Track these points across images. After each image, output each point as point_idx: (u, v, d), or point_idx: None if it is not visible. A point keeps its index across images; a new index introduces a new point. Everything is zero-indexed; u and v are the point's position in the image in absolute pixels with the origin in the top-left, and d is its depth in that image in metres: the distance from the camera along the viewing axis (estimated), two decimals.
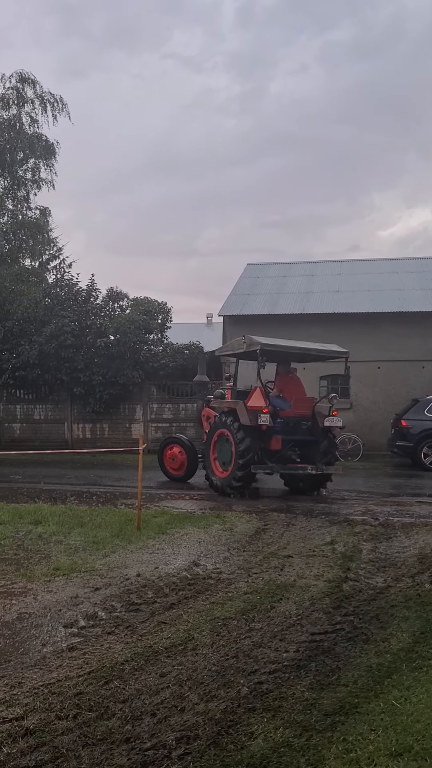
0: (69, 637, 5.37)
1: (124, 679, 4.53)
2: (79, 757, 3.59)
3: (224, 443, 12.95)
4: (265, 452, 12.49)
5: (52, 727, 3.88)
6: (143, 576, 7.05)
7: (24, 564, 7.55)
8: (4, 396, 23.18)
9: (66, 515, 10.14)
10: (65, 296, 23.05)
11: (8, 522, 9.61)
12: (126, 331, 21.62)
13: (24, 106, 29.18)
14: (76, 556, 7.84)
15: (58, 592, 6.53)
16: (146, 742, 3.72)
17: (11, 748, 3.68)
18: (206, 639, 5.23)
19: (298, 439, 13.00)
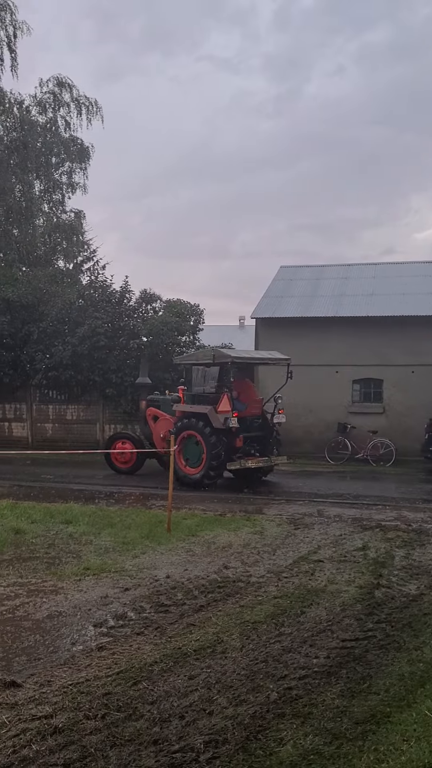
0: (98, 637, 5.38)
1: (153, 680, 4.52)
2: (107, 758, 3.58)
3: (192, 444, 14.44)
4: (231, 449, 14.14)
5: (80, 727, 3.89)
6: (172, 578, 7.05)
7: (55, 563, 7.60)
8: (37, 396, 23.41)
9: (96, 515, 10.19)
10: (99, 298, 23.19)
11: (40, 521, 9.69)
12: (158, 332, 21.67)
13: (60, 109, 29.47)
14: (106, 557, 7.87)
15: (88, 591, 6.56)
16: (174, 744, 3.70)
17: (40, 745, 3.70)
18: (235, 642, 5.19)
19: (253, 435, 14.97)
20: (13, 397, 23.55)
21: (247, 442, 14.60)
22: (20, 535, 8.78)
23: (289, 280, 24.25)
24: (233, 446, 14.15)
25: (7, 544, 8.32)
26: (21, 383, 23.15)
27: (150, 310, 23.66)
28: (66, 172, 30.67)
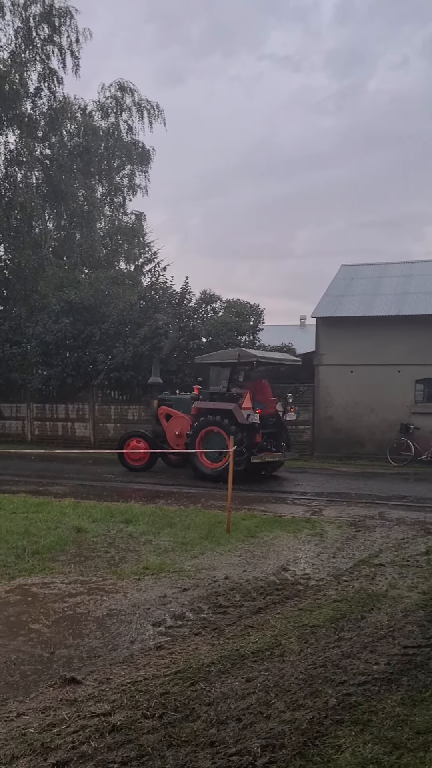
0: (157, 636, 5.42)
1: (210, 681, 4.51)
2: (164, 757, 3.59)
3: (214, 439, 15.22)
4: (251, 444, 15.01)
5: (138, 725, 3.91)
6: (231, 579, 7.03)
7: (115, 562, 7.69)
8: (99, 396, 23.80)
9: (156, 515, 10.27)
10: (159, 299, 23.43)
11: (101, 520, 9.83)
12: (218, 333, 21.73)
13: (122, 114, 29.96)
14: (165, 556, 7.92)
15: (147, 590, 6.61)
16: (231, 747, 3.68)
17: (98, 742, 3.74)
18: (294, 646, 5.14)
19: (269, 432, 15.87)
20: (75, 397, 24.03)
21: (264, 438, 15.59)
22: (82, 534, 8.93)
23: (350, 278, 23.91)
24: (253, 441, 15.02)
25: (69, 542, 8.48)
26: (83, 384, 23.59)
27: (210, 310, 23.75)
28: (127, 175, 31.14)
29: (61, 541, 8.45)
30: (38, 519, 9.73)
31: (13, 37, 26.77)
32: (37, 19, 26.64)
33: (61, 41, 26.95)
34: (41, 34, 26.83)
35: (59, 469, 17.30)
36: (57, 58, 27.07)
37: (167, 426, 16.75)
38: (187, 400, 16.61)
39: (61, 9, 26.76)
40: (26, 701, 4.28)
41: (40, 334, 23.46)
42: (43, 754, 3.62)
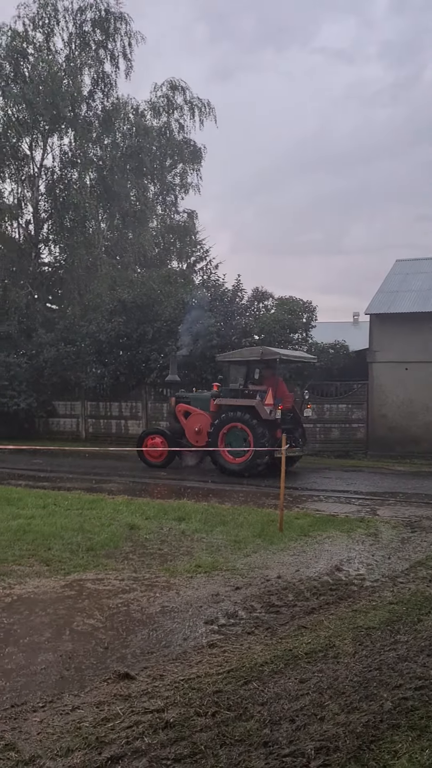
0: (209, 634, 5.41)
1: (263, 681, 4.48)
2: (217, 756, 3.58)
3: (237, 435, 15.79)
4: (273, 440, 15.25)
5: (191, 723, 3.91)
6: (284, 578, 6.98)
7: (167, 559, 7.73)
8: (151, 394, 24.00)
9: (209, 513, 10.28)
10: (211, 297, 23.47)
11: (154, 517, 9.90)
12: (271, 330, 21.65)
13: (173, 113, 30.12)
14: (218, 554, 7.92)
15: (199, 588, 6.62)
16: (284, 748, 3.64)
17: (152, 738, 3.75)
18: (348, 648, 5.06)
19: (287, 428, 15.92)
20: (129, 395, 24.29)
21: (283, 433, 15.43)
22: (135, 531, 9.00)
23: (405, 274, 23.49)
24: (275, 437, 15.13)
25: (123, 539, 8.56)
26: (136, 382, 23.82)
27: (262, 308, 23.67)
28: (179, 173, 31.27)
29: (114, 537, 8.54)
30: (92, 516, 9.86)
31: (67, 42, 27.25)
32: (90, 25, 27.05)
33: (114, 46, 27.34)
34: (95, 39, 27.22)
35: (113, 466, 17.52)
36: (110, 62, 27.48)
37: (186, 423, 17.15)
38: (205, 398, 17.12)
39: (115, 14, 27.11)
40: (81, 695, 4.33)
41: (94, 333, 23.80)
42: (97, 748, 3.66)
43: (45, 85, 25.41)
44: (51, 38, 27.17)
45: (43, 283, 29.26)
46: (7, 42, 26.15)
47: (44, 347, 24.61)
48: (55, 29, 27.08)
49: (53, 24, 26.95)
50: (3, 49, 26.19)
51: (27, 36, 26.80)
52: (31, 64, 26.52)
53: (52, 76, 25.43)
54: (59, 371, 24.51)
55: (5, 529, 8.80)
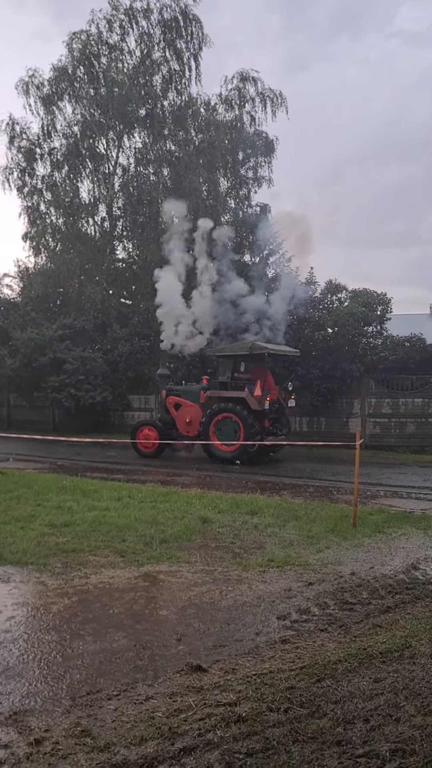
0: (282, 630, 5.38)
1: (337, 679, 4.42)
2: (290, 752, 3.55)
3: (227, 425, 16.69)
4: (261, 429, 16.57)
5: (263, 718, 3.90)
6: (358, 575, 6.87)
7: (240, 553, 7.74)
8: None
9: (281, 507, 10.23)
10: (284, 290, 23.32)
11: (226, 511, 9.93)
12: (344, 323, 21.34)
13: (245, 105, 29.99)
14: (290, 549, 7.86)
15: (271, 583, 6.59)
16: (358, 748, 3.58)
17: (224, 732, 3.76)
18: (425, 648, 4.93)
19: (273, 417, 17.29)
20: None
21: (271, 423, 17.19)
22: (207, 524, 9.05)
23: None
24: (263, 426, 16.61)
25: (196, 532, 8.62)
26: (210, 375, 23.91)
27: (335, 300, 23.34)
28: (252, 167, 31.11)
29: (187, 530, 8.62)
30: (165, 508, 9.97)
31: (140, 42, 27.57)
32: (163, 25, 27.30)
33: (186, 46, 27.54)
34: (168, 38, 27.46)
35: (186, 459, 17.69)
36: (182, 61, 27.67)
37: (177, 415, 18.08)
38: (194, 390, 18.07)
39: (190, 15, 27.28)
40: (154, 685, 4.39)
41: None
42: (170, 739, 3.69)
43: (118, 86, 25.79)
44: (125, 39, 27.56)
45: (118, 279, 29.75)
46: (80, 46, 26.68)
47: (119, 342, 25.04)
48: (130, 30, 27.45)
49: (128, 25, 27.32)
50: (77, 53, 26.74)
51: (101, 38, 27.27)
52: (104, 66, 26.97)
53: (125, 76, 25.78)
54: (133, 365, 24.89)
55: (81, 520, 9.01)
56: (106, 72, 26.67)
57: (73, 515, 9.35)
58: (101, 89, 26.56)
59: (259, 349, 17.02)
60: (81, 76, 26.90)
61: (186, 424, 17.74)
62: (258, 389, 16.70)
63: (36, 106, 27.86)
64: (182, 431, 17.85)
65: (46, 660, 4.80)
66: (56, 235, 29.07)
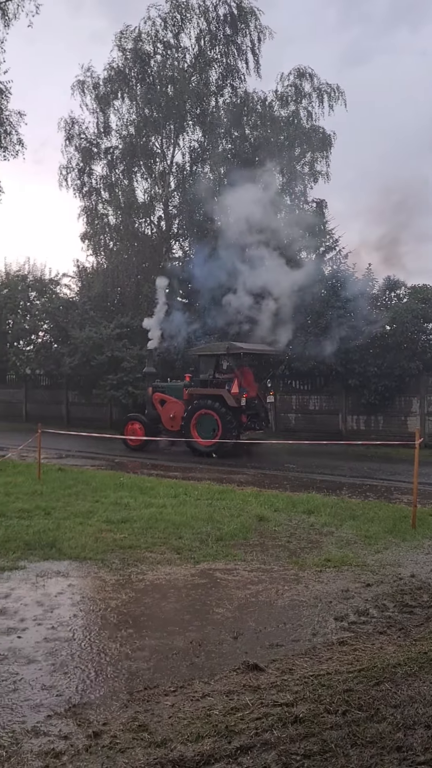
0: (339, 631, 5.31)
1: (396, 683, 4.34)
2: (348, 756, 3.50)
3: (207, 421, 17.57)
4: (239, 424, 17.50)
5: (320, 720, 3.85)
6: (418, 577, 6.73)
7: (296, 552, 7.68)
8: (280, 386, 23.94)
9: (338, 507, 10.11)
10: (340, 287, 23.04)
11: (282, 510, 9.87)
12: (403, 320, 20.94)
13: (301, 101, 29.71)
14: (347, 549, 7.76)
15: (328, 583, 6.52)
16: (419, 755, 3.50)
17: (281, 732, 3.73)
18: None
19: (252, 413, 18.13)
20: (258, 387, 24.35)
21: (249, 418, 17.93)
22: (264, 523, 9.02)
23: None
24: (241, 422, 17.50)
25: (252, 530, 8.60)
26: (266, 374, 23.84)
27: (394, 297, 22.94)
28: (308, 162, 30.83)
29: (243, 528, 8.61)
30: (221, 506, 9.99)
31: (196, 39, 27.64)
32: (221, 20, 27.27)
33: (243, 41, 27.42)
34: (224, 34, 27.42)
35: (241, 457, 17.67)
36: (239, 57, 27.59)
37: (162, 410, 19.11)
38: (178, 387, 19.02)
39: (246, 9, 27.17)
40: (211, 683, 4.39)
41: (223, 327, 24.05)
42: (227, 737, 3.68)
43: (173, 84, 25.91)
44: (180, 36, 27.66)
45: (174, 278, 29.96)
46: (132, 45, 26.91)
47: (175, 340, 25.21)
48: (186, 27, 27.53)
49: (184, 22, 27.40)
50: (130, 52, 26.99)
51: (156, 35, 27.45)
52: (159, 64, 27.14)
53: (180, 74, 25.88)
54: (190, 363, 25.01)
55: (138, 517, 9.11)
56: (161, 70, 26.83)
57: (130, 512, 9.47)
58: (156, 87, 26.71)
59: (236, 349, 18.03)
60: (135, 75, 27.11)
61: (170, 419, 18.76)
62: (235, 387, 17.50)
63: (92, 105, 28.31)
64: (167, 426, 18.90)
65: (103, 654, 4.86)
66: (114, 235, 29.45)
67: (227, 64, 27.76)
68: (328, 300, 22.44)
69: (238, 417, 17.41)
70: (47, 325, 28.84)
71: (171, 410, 18.81)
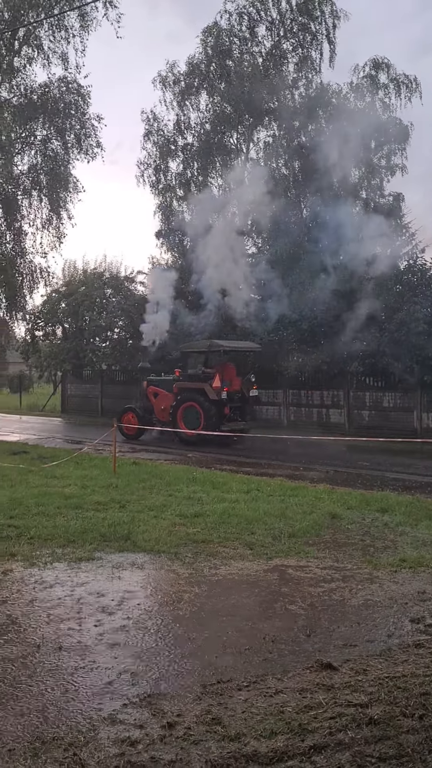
0: (415, 633, 5.21)
1: None
2: (425, 762, 3.43)
3: (191, 412, 18.87)
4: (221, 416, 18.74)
5: (396, 723, 3.79)
6: None
7: (369, 551, 7.56)
8: (353, 383, 23.61)
9: (413, 506, 9.88)
10: (417, 282, 22.50)
11: (355, 507, 9.74)
12: None
13: (377, 92, 29.18)
14: (424, 550, 7.58)
15: (404, 584, 6.39)
16: None
17: (355, 733, 3.69)
18: None
19: (235, 406, 19.50)
20: (330, 383, 24.11)
21: (231, 410, 19.20)
22: (336, 520, 8.92)
23: None
24: (222, 413, 18.73)
25: (324, 527, 8.52)
26: (338, 370, 23.56)
27: None
28: (385, 155, 30.26)
29: (316, 525, 8.54)
30: (294, 503, 9.93)
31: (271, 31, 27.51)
32: (295, 9, 27.04)
33: (318, 28, 27.13)
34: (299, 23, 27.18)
35: (314, 454, 17.52)
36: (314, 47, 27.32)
37: (155, 402, 20.64)
38: (169, 381, 20.24)
39: None
40: (284, 680, 4.38)
41: (296, 321, 23.90)
42: (300, 735, 3.67)
43: (249, 79, 25.88)
44: (255, 29, 27.59)
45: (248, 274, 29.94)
46: (212, 41, 27.01)
47: (247, 337, 25.21)
48: (260, 20, 27.45)
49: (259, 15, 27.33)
50: (209, 48, 27.11)
51: (232, 31, 27.46)
52: (235, 59, 27.16)
53: (255, 69, 25.83)
54: (261, 361, 24.97)
55: (211, 511, 9.17)
56: (237, 65, 26.85)
57: (203, 506, 9.55)
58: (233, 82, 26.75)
59: (216, 346, 19.75)
60: (213, 71, 27.25)
61: (161, 411, 20.27)
62: (216, 381, 18.78)
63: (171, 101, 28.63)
64: (159, 417, 20.45)
65: (177, 646, 4.92)
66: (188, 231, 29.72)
67: (302, 55, 27.54)
68: (403, 294, 21.96)
69: (220, 409, 18.70)
70: (122, 321, 29.35)
71: (162, 402, 20.29)
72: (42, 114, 25.27)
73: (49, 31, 24.17)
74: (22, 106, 24.74)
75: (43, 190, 26.61)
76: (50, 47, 24.54)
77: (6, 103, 24.15)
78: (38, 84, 25.42)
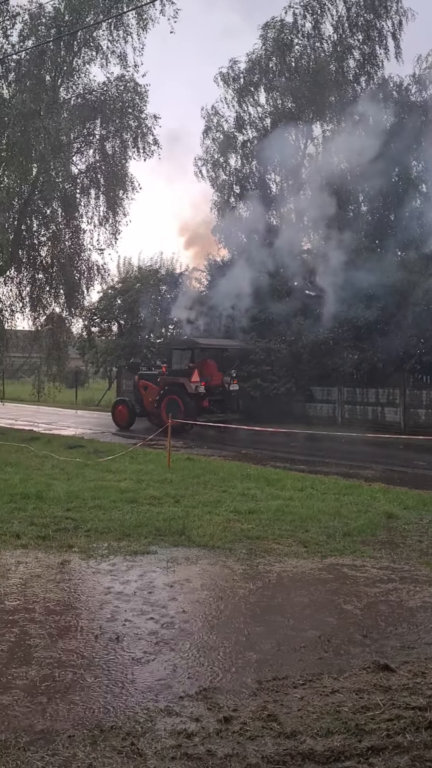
0: None
1: None
2: None
3: (173, 404, 20.22)
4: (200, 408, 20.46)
5: None
6: None
7: (427, 552, 7.42)
8: (410, 381, 23.20)
9: None
10: None
11: (412, 508, 9.57)
12: None
13: None
14: None
15: None
16: None
17: (414, 736, 3.64)
18: None
19: (215, 400, 21.38)
20: (386, 382, 23.74)
21: (211, 404, 20.99)
22: (392, 520, 8.78)
23: None
24: (201, 406, 20.46)
25: (380, 527, 8.40)
26: (394, 368, 23.18)
27: None
28: None
29: (371, 525, 8.43)
30: (348, 501, 9.83)
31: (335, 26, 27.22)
32: (361, 5, 26.72)
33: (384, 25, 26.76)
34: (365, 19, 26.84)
35: (369, 453, 17.29)
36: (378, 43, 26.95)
37: (145, 395, 22.18)
38: (156, 375, 21.97)
39: None
40: (340, 679, 4.34)
41: (352, 318, 23.61)
42: (357, 735, 3.64)
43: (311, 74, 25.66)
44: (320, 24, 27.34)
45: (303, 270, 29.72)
46: (274, 35, 26.88)
47: (303, 333, 25.04)
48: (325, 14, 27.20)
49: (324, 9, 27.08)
50: (271, 42, 26.97)
51: (296, 25, 27.29)
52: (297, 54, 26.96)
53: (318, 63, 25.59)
54: (317, 357, 24.77)
55: (266, 508, 9.15)
56: (299, 60, 26.65)
57: (257, 503, 9.53)
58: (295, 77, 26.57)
59: (194, 344, 21.70)
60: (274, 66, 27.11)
61: (150, 403, 21.82)
62: (195, 376, 20.37)
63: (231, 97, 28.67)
64: (148, 408, 22.06)
65: (233, 641, 4.94)
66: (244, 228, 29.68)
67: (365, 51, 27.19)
68: None
69: (198, 402, 20.35)
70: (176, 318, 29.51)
71: (151, 395, 21.84)
72: (100, 113, 25.53)
73: (106, 31, 24.37)
74: (81, 105, 25.05)
75: (100, 189, 26.90)
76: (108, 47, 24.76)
77: (65, 103, 24.49)
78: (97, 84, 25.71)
